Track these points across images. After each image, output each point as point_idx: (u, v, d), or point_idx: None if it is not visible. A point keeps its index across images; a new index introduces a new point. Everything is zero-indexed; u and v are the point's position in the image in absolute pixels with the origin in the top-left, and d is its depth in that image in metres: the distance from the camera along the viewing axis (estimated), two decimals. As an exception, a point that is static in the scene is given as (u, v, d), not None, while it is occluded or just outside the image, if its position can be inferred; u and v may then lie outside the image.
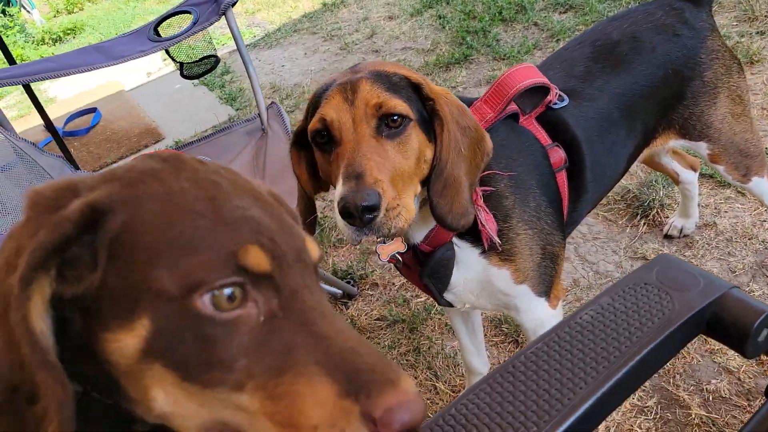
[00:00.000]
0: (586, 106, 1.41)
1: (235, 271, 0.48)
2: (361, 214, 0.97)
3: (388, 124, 1.05)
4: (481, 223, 1.20)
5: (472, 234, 1.23)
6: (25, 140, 1.77)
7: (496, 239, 1.21)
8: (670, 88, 1.50)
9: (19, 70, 1.72)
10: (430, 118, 1.11)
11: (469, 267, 1.28)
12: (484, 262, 1.26)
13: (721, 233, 2.18)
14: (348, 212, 0.97)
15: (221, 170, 0.57)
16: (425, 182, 1.13)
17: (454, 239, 1.24)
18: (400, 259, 1.28)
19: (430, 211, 1.13)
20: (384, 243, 1.25)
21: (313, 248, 0.57)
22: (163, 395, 0.50)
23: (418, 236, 1.24)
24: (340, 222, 1.01)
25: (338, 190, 1.00)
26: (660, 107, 1.51)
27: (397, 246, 1.24)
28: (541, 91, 1.34)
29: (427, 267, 1.26)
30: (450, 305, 1.39)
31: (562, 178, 1.36)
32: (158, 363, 0.48)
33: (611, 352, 0.68)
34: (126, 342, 0.48)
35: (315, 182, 1.23)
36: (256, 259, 0.49)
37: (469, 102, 1.32)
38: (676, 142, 1.61)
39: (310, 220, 1.25)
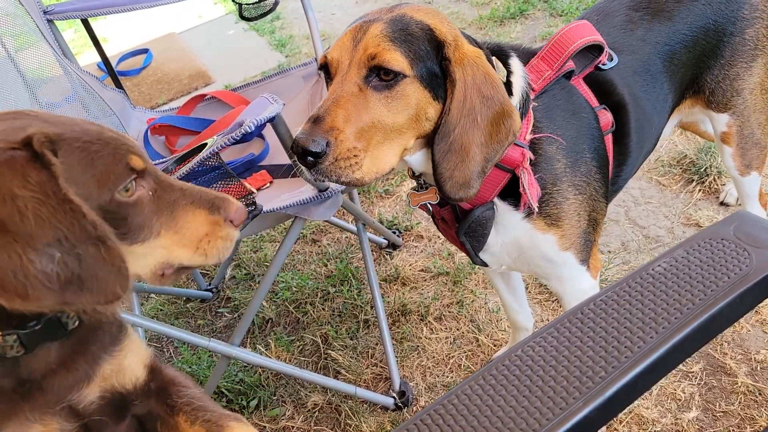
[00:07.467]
0: (629, 60, 1.37)
1: (130, 171, 0.76)
2: (302, 156, 0.99)
3: (379, 75, 1.03)
4: (522, 186, 1.16)
5: (515, 196, 1.20)
6: (89, 73, 1.80)
7: (534, 206, 1.18)
8: (709, 42, 1.45)
9: (86, 3, 1.74)
10: (444, 77, 1.08)
11: (509, 229, 1.25)
12: (527, 226, 1.23)
13: (780, 204, 2.12)
14: (294, 150, 1.01)
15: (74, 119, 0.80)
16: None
17: (495, 200, 1.22)
18: (430, 208, 1.27)
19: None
20: (417, 191, 1.24)
21: (132, 140, 0.84)
22: None
23: None
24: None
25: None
26: (698, 60, 1.47)
27: (429, 196, 1.23)
28: (592, 50, 1.29)
29: (464, 224, 1.24)
30: (485, 264, 1.38)
31: (608, 141, 1.33)
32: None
33: (684, 304, 0.67)
34: None
35: None
36: (137, 161, 0.77)
37: (531, 54, 1.28)
38: (700, 111, 1.58)
39: None
